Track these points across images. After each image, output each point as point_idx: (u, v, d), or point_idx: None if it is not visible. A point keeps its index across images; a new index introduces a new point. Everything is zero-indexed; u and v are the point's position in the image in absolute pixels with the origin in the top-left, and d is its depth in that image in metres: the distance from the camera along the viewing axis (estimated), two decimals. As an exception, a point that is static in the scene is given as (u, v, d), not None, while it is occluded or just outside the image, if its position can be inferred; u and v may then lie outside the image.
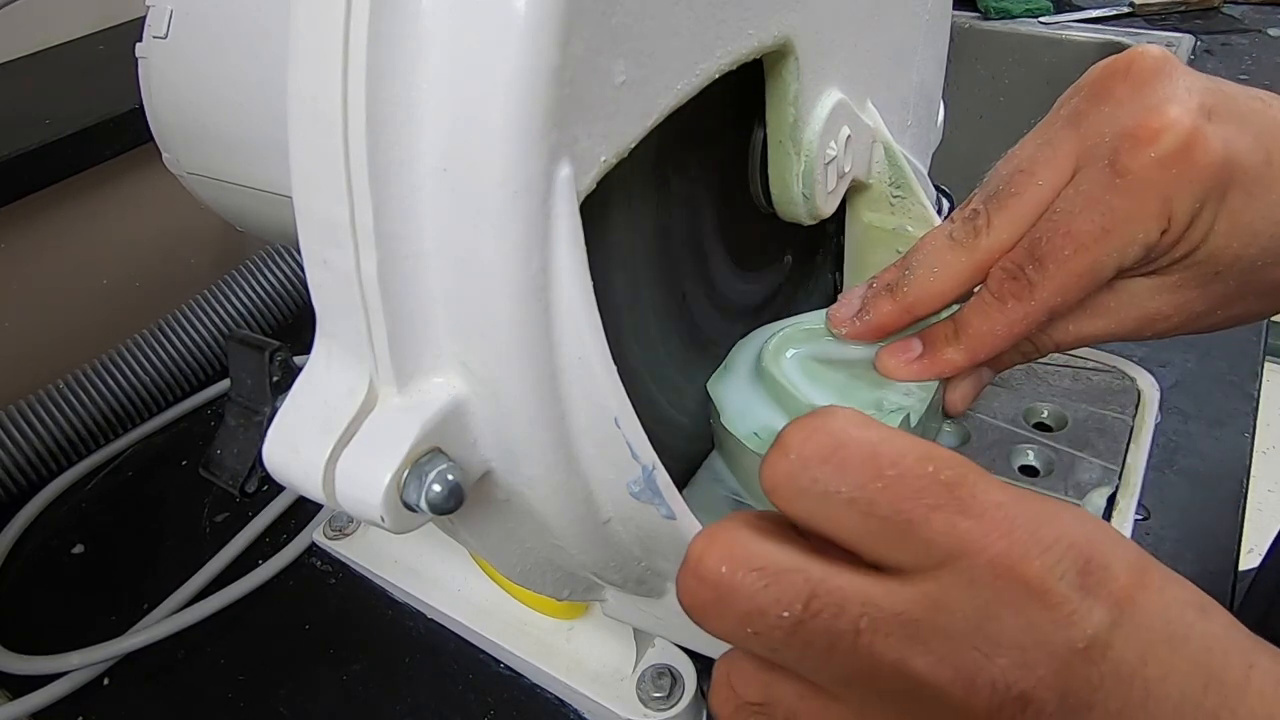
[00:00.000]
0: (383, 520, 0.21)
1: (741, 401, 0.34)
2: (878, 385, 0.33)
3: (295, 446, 0.22)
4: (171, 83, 0.38)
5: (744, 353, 0.36)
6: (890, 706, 0.19)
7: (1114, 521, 0.41)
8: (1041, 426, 0.47)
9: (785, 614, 0.19)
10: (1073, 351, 0.55)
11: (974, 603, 0.18)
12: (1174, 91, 0.27)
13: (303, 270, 0.22)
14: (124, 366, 0.58)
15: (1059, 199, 0.28)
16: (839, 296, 0.34)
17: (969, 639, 0.18)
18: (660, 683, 0.37)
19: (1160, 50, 0.28)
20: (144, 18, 0.38)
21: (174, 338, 0.60)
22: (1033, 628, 0.18)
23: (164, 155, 0.40)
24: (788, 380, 0.33)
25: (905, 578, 0.18)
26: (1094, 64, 0.29)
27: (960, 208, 0.31)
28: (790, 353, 0.34)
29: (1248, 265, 0.28)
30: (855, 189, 0.37)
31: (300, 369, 0.24)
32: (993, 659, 0.18)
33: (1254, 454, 0.48)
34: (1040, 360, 0.29)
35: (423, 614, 0.45)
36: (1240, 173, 0.26)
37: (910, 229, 0.37)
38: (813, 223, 0.34)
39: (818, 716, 0.20)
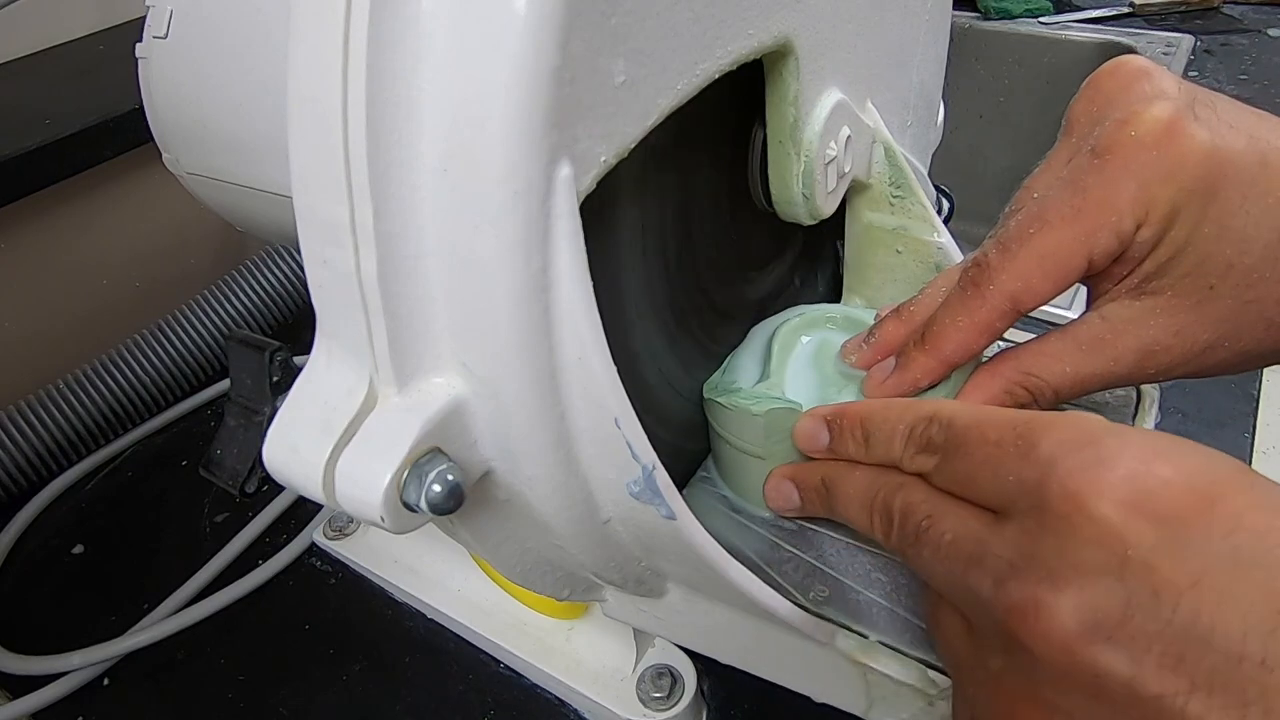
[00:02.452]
0: (383, 520, 0.21)
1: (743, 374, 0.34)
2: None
3: (295, 446, 0.22)
4: (171, 83, 0.38)
5: (758, 336, 0.36)
6: (974, 615, 0.22)
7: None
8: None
9: (914, 527, 0.24)
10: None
11: (1023, 529, 0.20)
12: (1161, 87, 0.26)
13: (303, 270, 0.22)
14: (124, 366, 0.58)
15: (1039, 186, 0.28)
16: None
17: (1009, 561, 0.20)
18: (660, 683, 0.37)
19: (1148, 61, 0.28)
20: (144, 18, 0.38)
21: (174, 338, 0.60)
22: (1066, 547, 0.19)
23: (164, 155, 0.40)
24: (783, 358, 0.33)
25: (996, 515, 0.22)
26: (1094, 68, 0.29)
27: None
28: (805, 338, 0.35)
29: (1243, 278, 0.26)
30: (855, 189, 0.37)
31: (300, 369, 0.24)
32: (1023, 576, 0.20)
33: (1254, 454, 0.48)
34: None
35: (423, 614, 0.45)
36: (1231, 170, 0.25)
37: (910, 229, 0.37)
38: (813, 223, 0.34)
39: (943, 615, 0.24)
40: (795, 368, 0.34)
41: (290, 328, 0.65)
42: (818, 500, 0.29)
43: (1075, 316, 0.30)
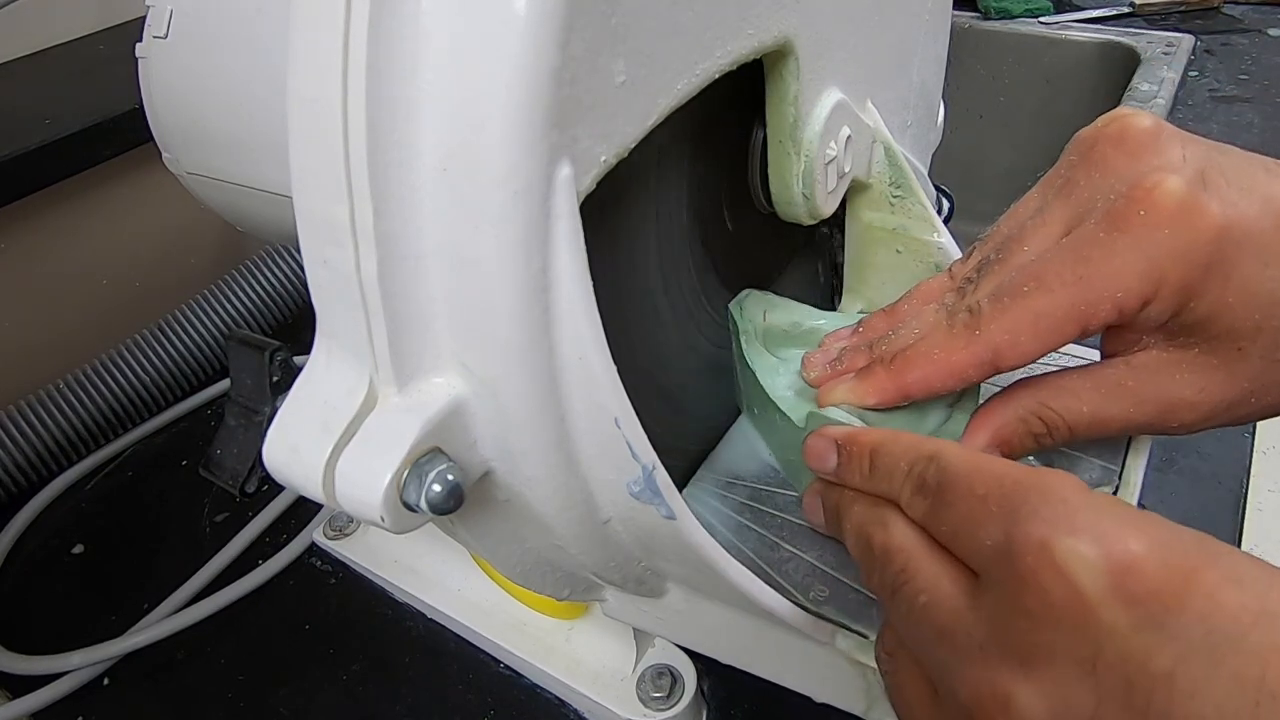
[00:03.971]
0: (383, 520, 0.21)
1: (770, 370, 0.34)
2: None
3: (295, 446, 0.22)
4: (171, 83, 0.38)
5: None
6: (943, 694, 0.21)
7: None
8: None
9: (891, 577, 0.23)
10: (1073, 351, 0.54)
11: (998, 606, 0.19)
12: (1169, 159, 0.25)
13: (303, 270, 0.22)
14: (124, 366, 0.58)
15: (1033, 244, 0.27)
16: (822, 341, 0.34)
17: (981, 640, 0.20)
18: (660, 683, 0.37)
19: (1153, 118, 0.26)
20: (144, 18, 0.38)
21: (174, 338, 0.60)
22: (1038, 631, 0.18)
23: (164, 155, 0.40)
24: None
25: (976, 578, 0.21)
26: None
27: (960, 261, 0.30)
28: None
29: (1273, 337, 0.25)
30: (855, 189, 0.37)
31: (300, 369, 0.24)
32: (997, 659, 0.19)
33: (1254, 454, 0.48)
34: (1040, 360, 0.27)
35: (423, 614, 0.45)
36: (1248, 240, 0.24)
37: (910, 229, 0.37)
38: (813, 223, 0.34)
39: (907, 678, 0.23)
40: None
41: (290, 328, 0.65)
42: (832, 525, 0.28)
43: (1094, 357, 0.29)
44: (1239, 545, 0.43)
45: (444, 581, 0.44)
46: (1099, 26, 0.90)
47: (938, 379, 0.27)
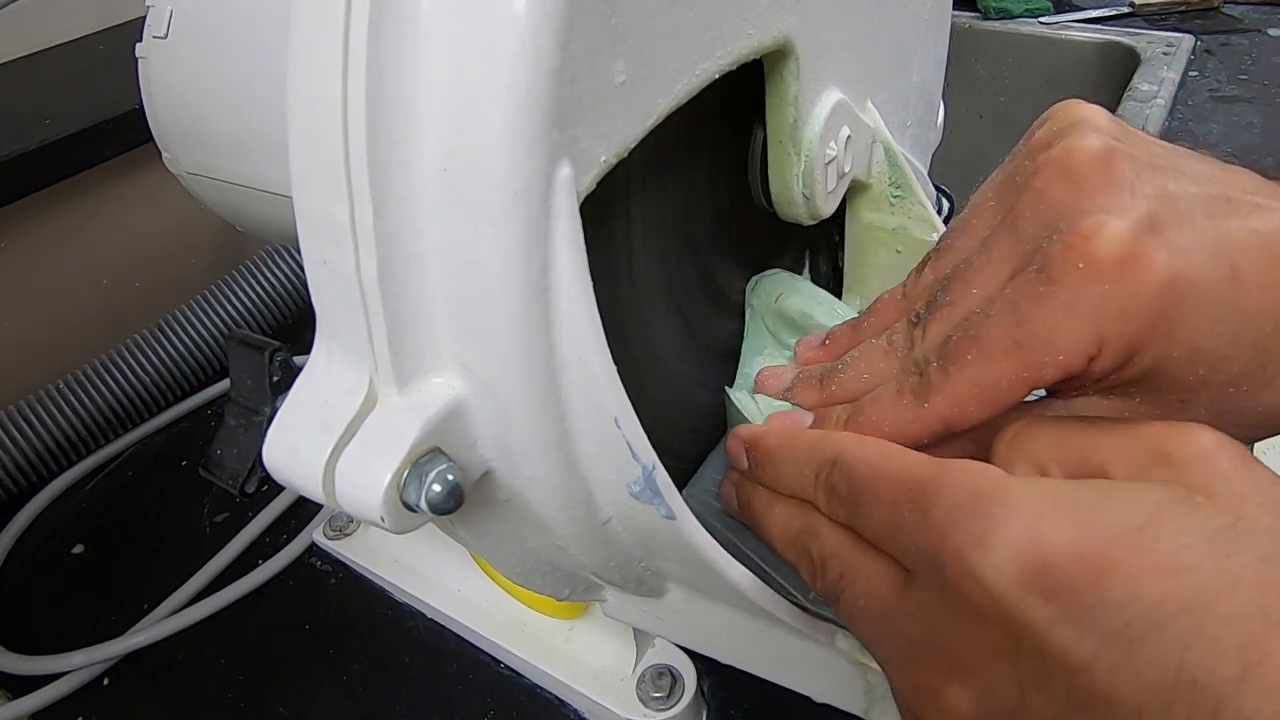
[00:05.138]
0: (382, 520, 0.21)
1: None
2: None
3: (295, 446, 0.22)
4: (171, 83, 0.38)
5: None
6: (891, 688, 0.22)
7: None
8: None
9: (832, 582, 0.23)
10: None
11: (925, 603, 0.20)
12: (1116, 199, 0.22)
13: (303, 270, 0.22)
14: (124, 366, 0.58)
15: (979, 283, 0.25)
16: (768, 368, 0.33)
17: (911, 639, 0.20)
18: (660, 683, 0.37)
19: (1102, 143, 0.23)
20: (144, 18, 0.38)
21: (174, 338, 0.60)
22: (963, 628, 0.19)
23: (164, 155, 0.40)
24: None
25: (907, 574, 0.21)
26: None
27: (914, 274, 0.28)
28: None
29: (1219, 391, 0.23)
30: (855, 189, 0.37)
31: (300, 369, 0.24)
32: (927, 657, 0.20)
33: (1254, 454, 0.48)
34: None
35: (423, 614, 0.45)
36: (1195, 292, 0.22)
37: (910, 229, 0.37)
38: (813, 223, 0.34)
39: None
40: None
41: (290, 328, 0.65)
42: (745, 517, 0.28)
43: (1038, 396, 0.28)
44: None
45: (444, 581, 0.44)
46: (1099, 26, 0.90)
47: (892, 436, 0.26)
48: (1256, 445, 0.26)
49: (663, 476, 0.24)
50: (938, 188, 0.45)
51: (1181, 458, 0.20)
